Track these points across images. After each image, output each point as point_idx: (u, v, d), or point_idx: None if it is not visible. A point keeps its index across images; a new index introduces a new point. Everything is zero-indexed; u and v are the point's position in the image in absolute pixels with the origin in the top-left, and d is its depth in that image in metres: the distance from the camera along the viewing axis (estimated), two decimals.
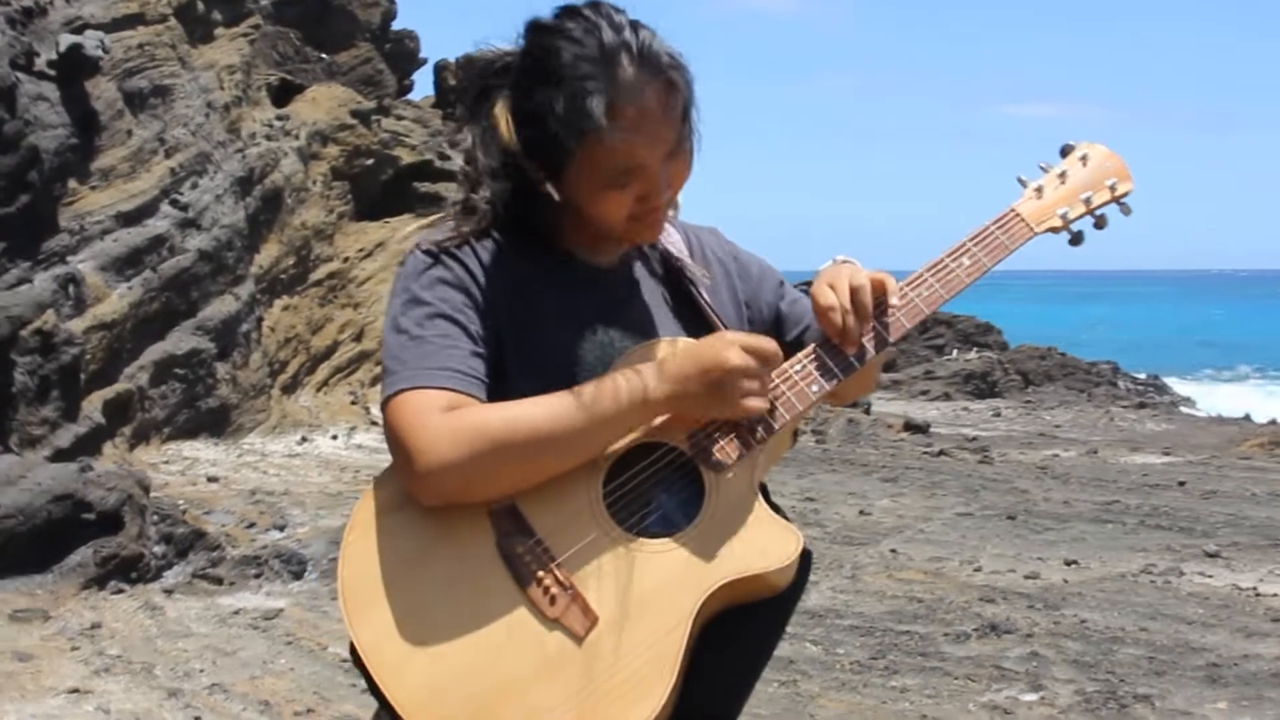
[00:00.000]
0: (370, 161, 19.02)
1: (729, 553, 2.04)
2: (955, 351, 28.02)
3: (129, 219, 12.51)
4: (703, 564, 2.03)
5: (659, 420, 2.11)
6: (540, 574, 2.00)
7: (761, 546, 2.06)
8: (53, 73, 11.70)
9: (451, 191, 2.33)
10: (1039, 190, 2.35)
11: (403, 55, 25.03)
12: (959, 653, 7.16)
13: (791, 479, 12.89)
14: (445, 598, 2.00)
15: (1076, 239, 2.34)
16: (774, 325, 2.46)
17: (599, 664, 1.97)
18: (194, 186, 13.56)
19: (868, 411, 17.89)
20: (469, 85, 2.32)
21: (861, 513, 11.30)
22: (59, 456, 9.50)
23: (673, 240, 2.42)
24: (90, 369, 11.20)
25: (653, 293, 2.34)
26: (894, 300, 2.22)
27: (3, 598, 7.24)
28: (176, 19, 14.07)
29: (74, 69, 11.80)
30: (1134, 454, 16.20)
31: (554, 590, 1.99)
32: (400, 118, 22.30)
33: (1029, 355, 26.68)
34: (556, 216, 2.25)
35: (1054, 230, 2.33)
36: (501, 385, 2.11)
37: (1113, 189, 2.36)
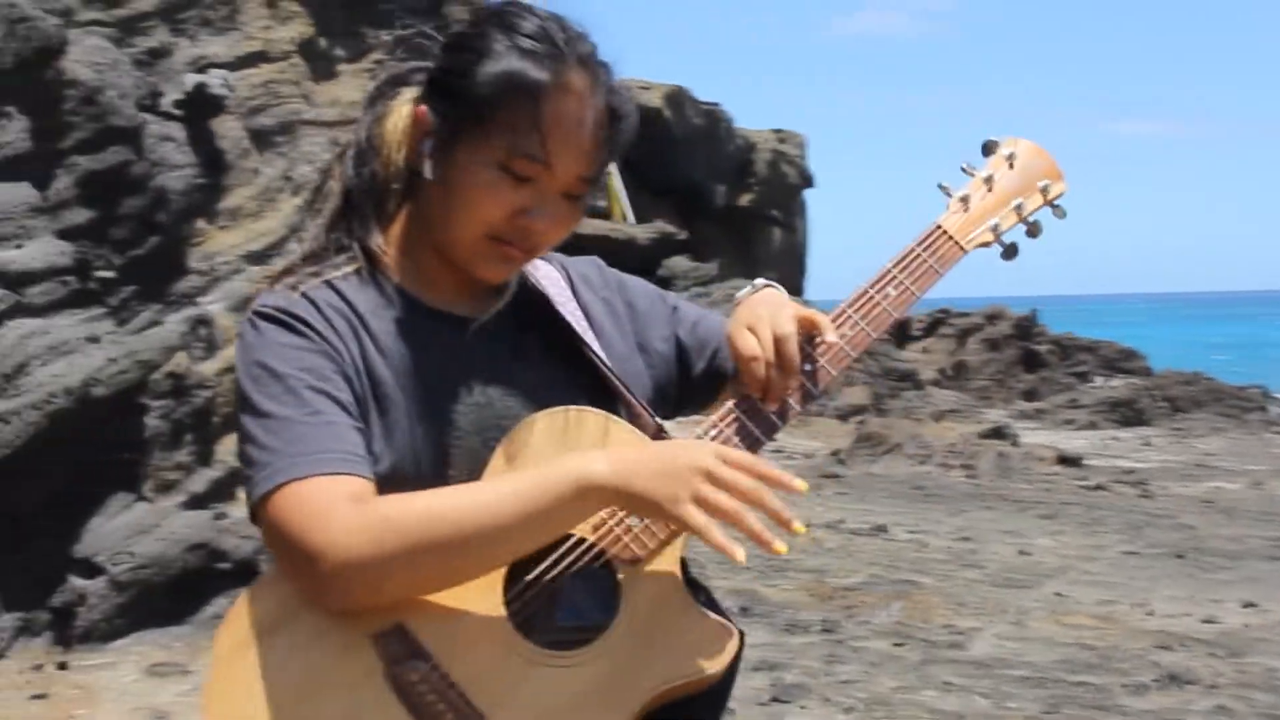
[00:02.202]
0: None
1: (656, 659, 1.74)
2: (1099, 379, 27.36)
3: (258, 258, 12.40)
4: (627, 676, 1.73)
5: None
6: (439, 706, 1.70)
7: (693, 648, 1.76)
8: (179, 113, 11.64)
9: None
10: (965, 200, 2.07)
11: None
12: (1139, 705, 6.68)
13: (945, 517, 12.46)
14: None
15: (1010, 252, 2.09)
16: (677, 360, 2.13)
17: None
18: None
19: (1016, 444, 17.32)
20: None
21: (1021, 552, 10.79)
22: (194, 502, 9.37)
23: (547, 276, 2.10)
24: (223, 412, 11.09)
25: (531, 344, 2.01)
26: (829, 337, 1.93)
27: (140, 651, 7.08)
28: (300, 56, 14.02)
29: (200, 108, 11.74)
30: None
31: None
32: None
33: (1175, 381, 25.84)
34: (409, 250, 1.96)
35: (985, 245, 2.07)
36: None
37: (1045, 191, 2.10)
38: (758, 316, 1.93)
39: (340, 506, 1.70)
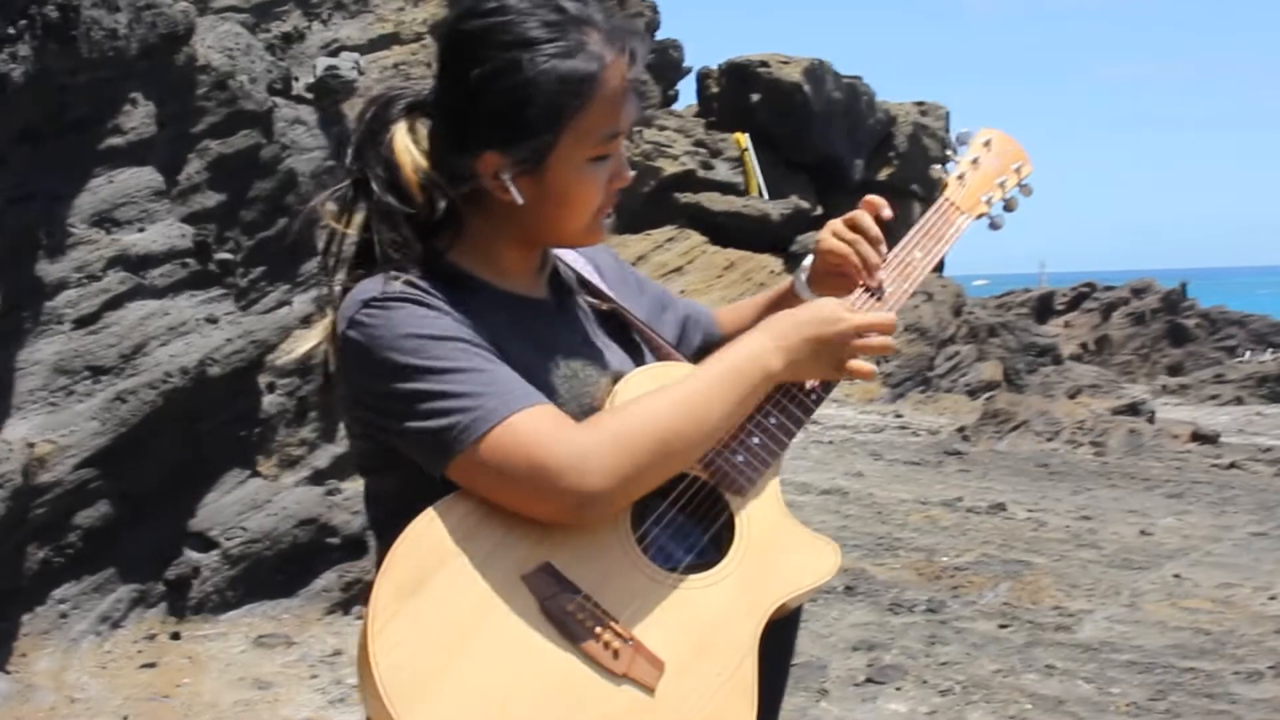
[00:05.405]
0: (632, 173, 19.02)
1: (775, 575, 2.00)
2: (1248, 353, 26.64)
3: None
4: (753, 591, 1.98)
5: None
6: (597, 629, 1.86)
7: (804, 563, 2.03)
8: (310, 96, 11.84)
9: (714, 201, 2.13)
10: (961, 178, 2.42)
11: (667, 65, 24.99)
12: (1252, 694, 6.52)
13: (1066, 495, 12.23)
14: (501, 672, 1.82)
15: (996, 223, 2.44)
16: (681, 335, 2.46)
17: (678, 710, 1.87)
18: None
19: (1151, 420, 16.94)
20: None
21: (1142, 533, 10.56)
22: (317, 477, 9.57)
23: (574, 261, 2.31)
24: None
25: (586, 319, 2.23)
26: (886, 213, 2.28)
27: (250, 622, 7.25)
28: (431, 37, 14.20)
29: (330, 92, 11.93)
30: None
31: (614, 644, 1.86)
32: (662, 128, 22.24)
33: None
34: (480, 248, 2.07)
35: (980, 216, 2.41)
36: None
37: (1018, 172, 2.47)
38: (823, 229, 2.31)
39: (570, 430, 1.86)
